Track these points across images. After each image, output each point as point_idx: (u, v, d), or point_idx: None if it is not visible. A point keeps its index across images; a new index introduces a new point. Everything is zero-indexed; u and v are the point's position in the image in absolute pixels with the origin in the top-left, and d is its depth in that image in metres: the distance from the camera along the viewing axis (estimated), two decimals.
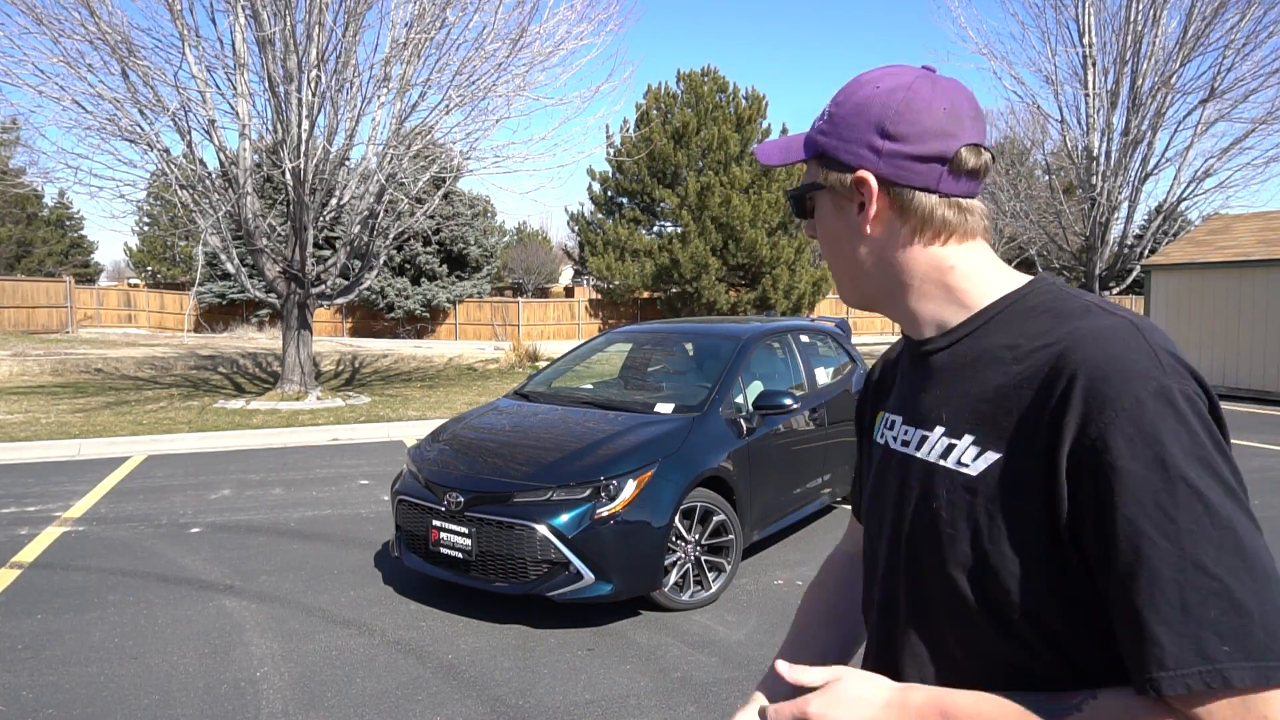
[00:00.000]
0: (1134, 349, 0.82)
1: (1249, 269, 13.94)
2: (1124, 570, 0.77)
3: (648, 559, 4.34)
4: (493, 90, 12.45)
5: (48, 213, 38.37)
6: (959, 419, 0.92)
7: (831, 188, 0.99)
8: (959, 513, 0.89)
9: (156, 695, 3.60)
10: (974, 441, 0.90)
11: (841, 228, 1.00)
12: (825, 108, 1.01)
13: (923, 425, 0.97)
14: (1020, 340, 0.90)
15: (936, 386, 0.97)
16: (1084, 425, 0.80)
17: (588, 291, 36.29)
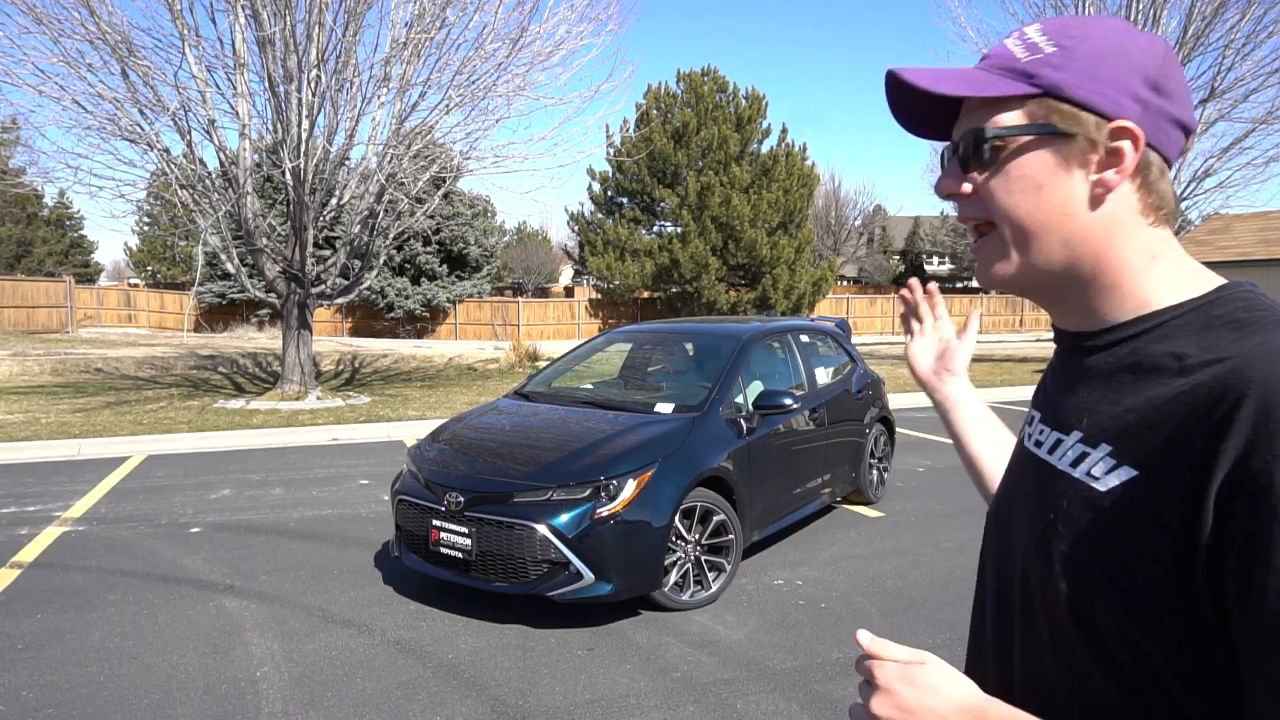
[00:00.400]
0: None
1: (1249, 269, 13.96)
2: (1267, 628, 0.66)
3: (648, 559, 4.34)
4: (493, 90, 12.46)
5: (48, 212, 38.39)
6: (1099, 427, 0.83)
7: (1066, 133, 0.82)
8: (1075, 528, 0.80)
9: (156, 695, 3.60)
10: (1110, 454, 0.80)
11: (1057, 186, 0.83)
12: (1031, 39, 0.85)
13: (1060, 428, 0.88)
14: (1192, 351, 0.78)
15: (1084, 389, 0.87)
16: (1247, 454, 0.68)
17: (588, 291, 36.30)
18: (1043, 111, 0.83)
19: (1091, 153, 0.82)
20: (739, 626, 4.35)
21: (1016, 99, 0.84)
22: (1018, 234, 0.85)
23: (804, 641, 4.16)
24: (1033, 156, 0.84)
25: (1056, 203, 0.83)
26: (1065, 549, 0.81)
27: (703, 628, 4.33)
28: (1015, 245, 0.86)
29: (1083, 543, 0.79)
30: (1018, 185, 0.84)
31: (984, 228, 0.89)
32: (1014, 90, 0.83)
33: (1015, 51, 0.85)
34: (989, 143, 0.85)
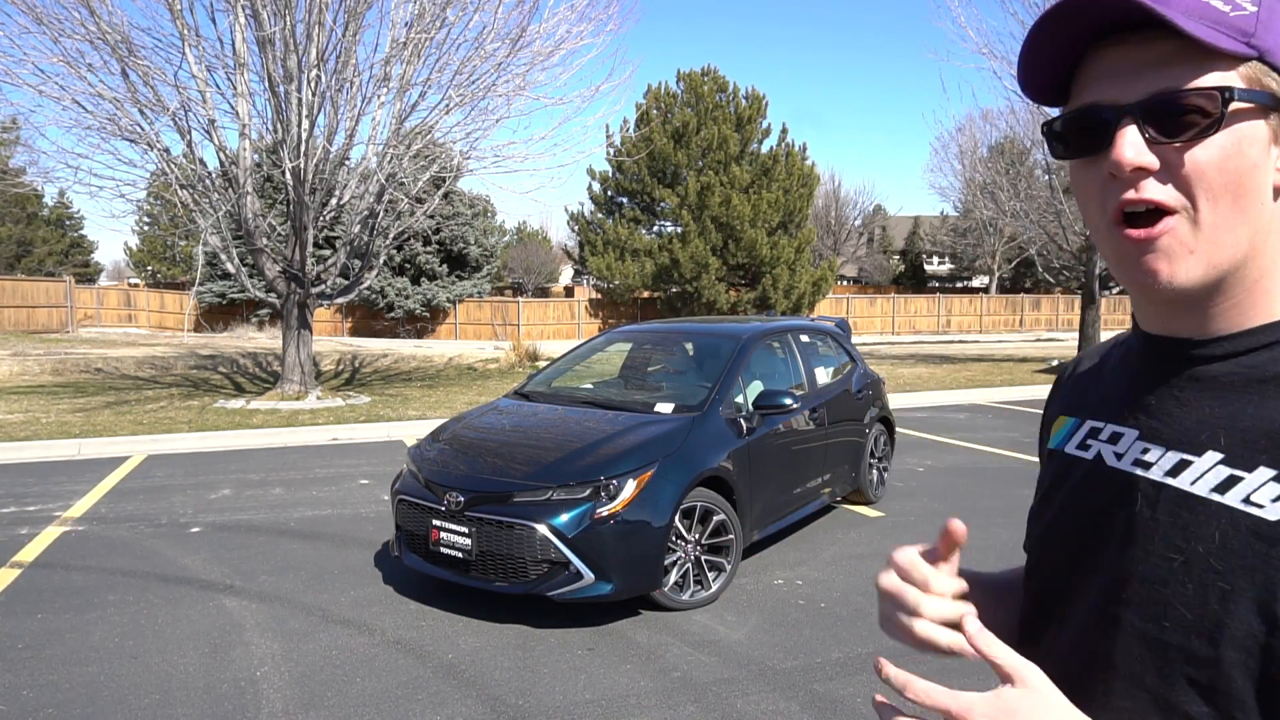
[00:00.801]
0: None
1: None
2: None
3: (648, 559, 4.34)
4: (493, 90, 12.46)
5: (48, 212, 38.40)
6: (1250, 446, 0.71)
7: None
8: (1240, 565, 0.69)
9: (156, 695, 3.60)
10: (1276, 477, 0.69)
11: (1265, 167, 0.71)
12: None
13: (1180, 447, 0.76)
14: None
15: (1207, 401, 0.76)
16: None
17: (588, 291, 36.31)
18: (1258, 77, 0.70)
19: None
20: (739, 626, 4.35)
21: (1229, 57, 0.70)
22: (1215, 223, 0.71)
23: (804, 641, 4.16)
24: (1253, 128, 0.70)
25: (1259, 190, 0.71)
26: (1226, 586, 0.69)
27: (703, 628, 4.33)
28: (1206, 237, 0.71)
29: (1253, 582, 0.68)
30: (1235, 161, 0.70)
31: (1152, 216, 0.72)
32: (1236, 49, 0.69)
33: (1216, 3, 0.70)
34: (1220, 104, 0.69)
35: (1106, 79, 0.73)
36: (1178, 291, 0.73)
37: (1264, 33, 0.70)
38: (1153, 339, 0.81)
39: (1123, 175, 0.71)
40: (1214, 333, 0.76)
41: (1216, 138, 0.69)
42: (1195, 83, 0.69)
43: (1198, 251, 0.71)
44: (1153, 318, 0.81)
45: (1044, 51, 0.76)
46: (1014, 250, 37.64)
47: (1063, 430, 0.91)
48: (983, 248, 43.81)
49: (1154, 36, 0.71)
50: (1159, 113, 0.70)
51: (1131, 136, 0.70)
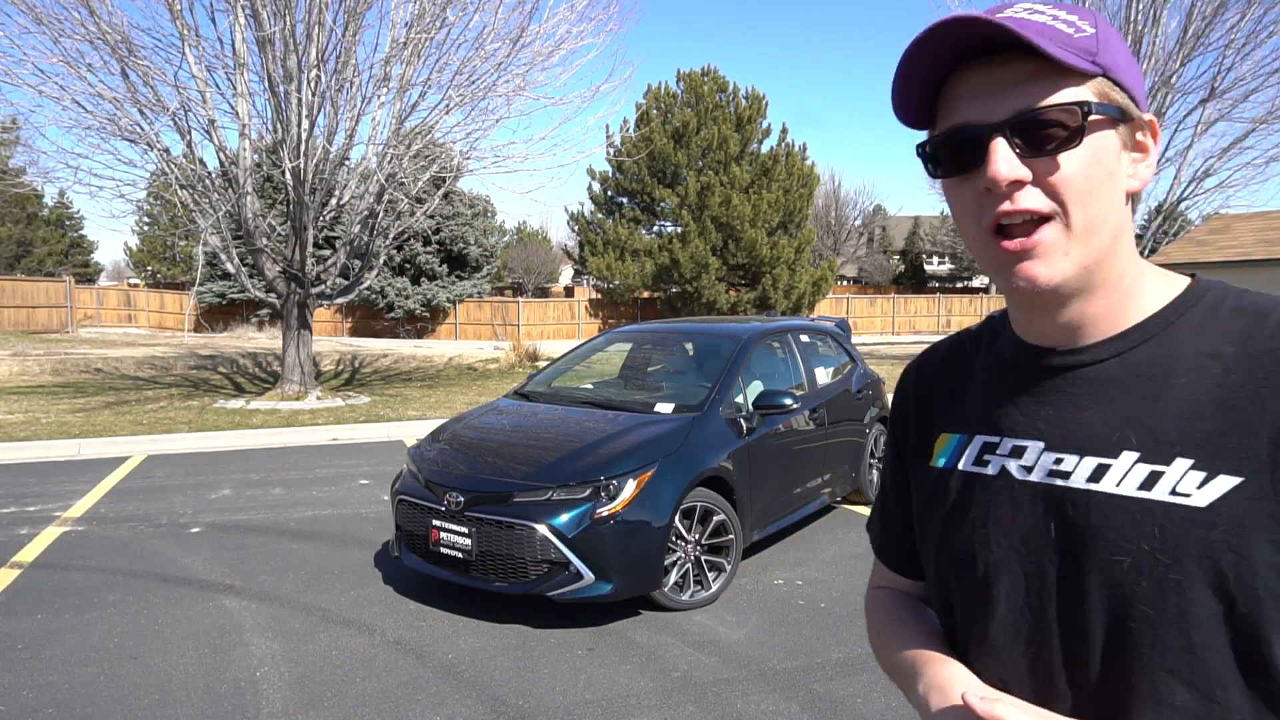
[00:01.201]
0: None
1: (1249, 268, 13.96)
2: None
3: (648, 559, 4.34)
4: (493, 90, 12.46)
5: (48, 212, 38.39)
6: (1161, 441, 0.76)
7: (1132, 121, 0.78)
8: (1186, 554, 0.73)
9: (156, 695, 3.60)
10: (1195, 466, 0.74)
11: (1118, 174, 0.79)
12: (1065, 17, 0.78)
13: (1094, 451, 0.79)
14: (1224, 348, 0.77)
15: (1106, 403, 0.80)
16: None
17: (588, 291, 36.31)
18: (1106, 92, 0.77)
19: (1130, 143, 0.80)
20: (739, 626, 4.35)
21: (1082, 75, 0.76)
22: (1085, 226, 0.76)
23: (804, 641, 4.16)
24: (1107, 138, 0.77)
25: (1117, 192, 0.78)
26: (1178, 576, 0.73)
27: (703, 628, 4.33)
28: (1078, 239, 0.77)
29: (1201, 567, 0.73)
30: (1095, 170, 0.76)
31: (1029, 223, 0.77)
32: (1086, 68, 0.75)
33: (1060, 28, 0.76)
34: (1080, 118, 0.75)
35: (972, 100, 0.78)
36: (1055, 291, 0.78)
37: (1104, 52, 0.76)
38: (1037, 350, 0.85)
39: (999, 189, 0.76)
40: (1095, 337, 0.82)
41: (1079, 149, 0.75)
42: (1056, 99, 0.75)
43: (1071, 253, 0.77)
44: (1033, 328, 0.85)
45: (914, 76, 0.80)
46: None
47: (949, 448, 0.92)
48: None
49: (1012, 58, 0.76)
50: (1026, 128, 0.75)
51: (1004, 152, 0.75)
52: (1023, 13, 0.77)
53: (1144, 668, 0.75)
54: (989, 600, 0.85)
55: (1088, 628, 0.78)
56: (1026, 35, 0.72)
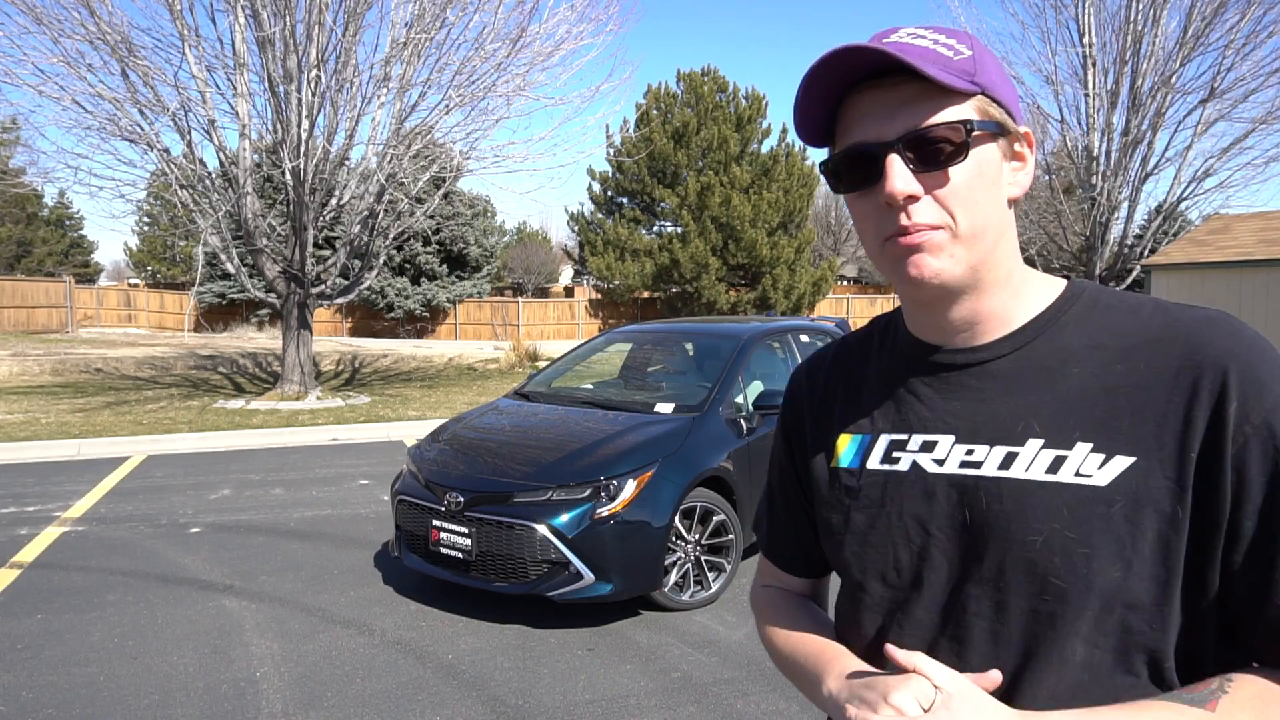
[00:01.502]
0: (1259, 336, 0.83)
1: (1249, 269, 13.95)
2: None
3: (648, 559, 4.34)
4: (493, 90, 12.46)
5: (48, 213, 38.38)
6: (1062, 427, 0.84)
7: (1010, 135, 0.86)
8: (1093, 529, 0.81)
9: (156, 695, 3.60)
10: (1094, 449, 0.82)
11: (999, 183, 0.86)
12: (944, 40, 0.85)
13: (1002, 440, 0.86)
14: (1105, 339, 0.86)
15: (1008, 395, 0.87)
16: (1244, 414, 0.79)
17: (588, 291, 36.30)
18: (986, 109, 0.84)
19: (1009, 154, 0.87)
20: (739, 626, 4.35)
21: (964, 94, 0.83)
22: (972, 230, 0.84)
23: None
24: (989, 151, 0.85)
25: (998, 200, 0.86)
26: (1087, 551, 0.81)
27: (703, 628, 4.33)
28: (964, 242, 0.84)
29: (1106, 540, 0.81)
30: (979, 180, 0.84)
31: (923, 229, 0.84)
32: (967, 88, 0.83)
33: (941, 51, 0.84)
34: (964, 135, 0.82)
35: (866, 120, 0.85)
36: (944, 286, 0.85)
37: (981, 72, 0.84)
38: (932, 349, 0.92)
39: (896, 203, 0.83)
40: (991, 334, 0.89)
41: (964, 162, 0.83)
42: (942, 117, 0.82)
43: (957, 255, 0.84)
44: (930, 327, 0.92)
45: (811, 101, 0.87)
46: None
47: (853, 448, 0.97)
48: None
49: (900, 81, 0.83)
50: (916, 145, 0.82)
51: (899, 168, 0.82)
52: (907, 38, 0.85)
53: (1055, 634, 0.83)
54: (914, 589, 0.91)
55: (1007, 603, 0.85)
56: (909, 60, 0.80)
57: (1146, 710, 0.80)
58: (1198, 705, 0.78)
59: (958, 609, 0.88)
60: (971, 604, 0.87)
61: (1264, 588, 0.79)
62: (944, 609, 0.89)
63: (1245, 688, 0.79)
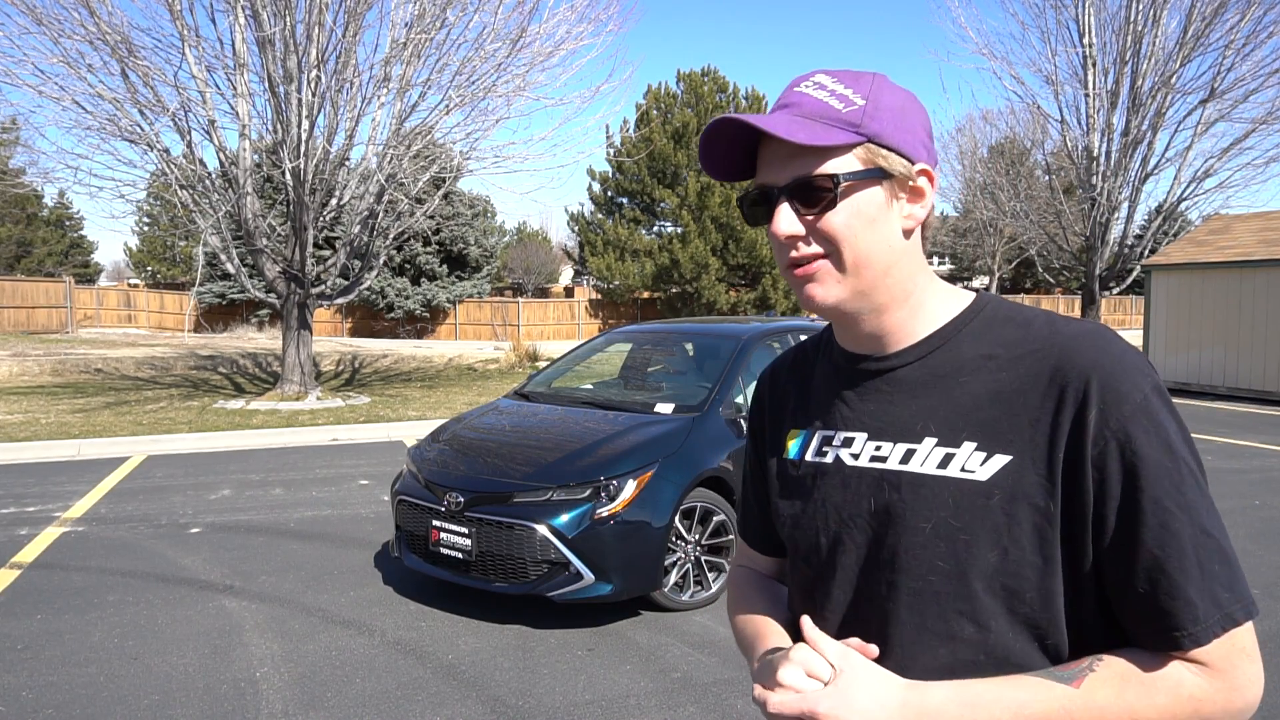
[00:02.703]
0: (1128, 350, 0.92)
1: (1249, 269, 13.94)
2: (1155, 544, 0.86)
3: (648, 559, 4.34)
4: (493, 90, 12.46)
5: (48, 213, 38.37)
6: (953, 428, 0.95)
7: (890, 174, 0.96)
8: (973, 518, 0.91)
9: (156, 695, 3.60)
10: (978, 448, 0.92)
11: (883, 220, 0.96)
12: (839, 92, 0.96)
13: (904, 439, 0.98)
14: (997, 350, 0.96)
15: (911, 399, 0.98)
16: (1104, 420, 0.88)
17: (588, 291, 36.30)
18: (870, 156, 0.95)
19: (902, 191, 0.97)
20: None
21: (847, 146, 0.94)
22: (854, 262, 0.95)
23: None
24: (868, 194, 0.95)
25: (883, 234, 0.96)
26: (967, 538, 0.92)
27: (703, 628, 4.33)
28: (849, 272, 0.96)
29: (984, 528, 0.91)
30: (857, 220, 0.95)
31: (811, 260, 0.96)
32: (848, 139, 0.93)
33: (832, 104, 0.95)
34: (833, 186, 0.93)
35: (766, 166, 0.98)
36: (835, 309, 0.98)
37: (870, 121, 0.94)
38: (857, 357, 1.04)
39: (781, 241, 0.96)
40: (898, 345, 1.01)
41: (849, 204, 0.94)
42: (818, 171, 0.94)
43: (843, 281, 0.96)
44: (849, 339, 1.04)
45: (715, 153, 1.01)
46: (1014, 250, 37.66)
47: (797, 442, 1.10)
48: (983, 248, 43.78)
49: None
50: (799, 192, 0.95)
51: (785, 213, 0.95)
52: (810, 88, 0.97)
53: (940, 611, 0.94)
54: (831, 569, 1.03)
55: (898, 582, 0.96)
56: (778, 133, 0.91)
57: (1018, 683, 0.88)
58: (1065, 682, 0.87)
59: (864, 590, 0.99)
60: (873, 585, 0.98)
61: (1127, 577, 0.88)
62: (854, 590, 1.00)
63: (1110, 667, 0.88)
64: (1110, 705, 0.86)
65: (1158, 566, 0.86)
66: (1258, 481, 7.71)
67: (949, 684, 0.90)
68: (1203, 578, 0.85)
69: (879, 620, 0.98)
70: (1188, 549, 0.85)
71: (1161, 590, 0.86)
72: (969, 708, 0.87)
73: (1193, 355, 14.81)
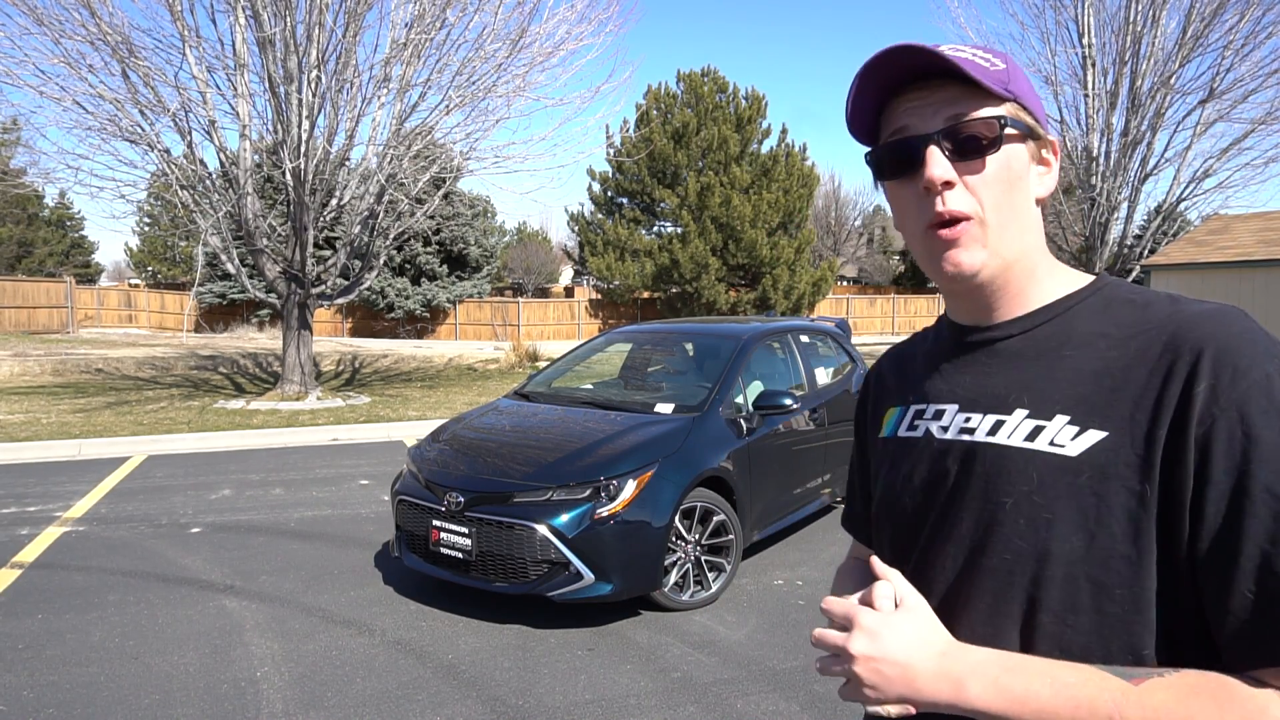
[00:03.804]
0: (1255, 328, 0.84)
1: (1249, 269, 13.95)
2: (1265, 538, 0.76)
3: (648, 559, 4.34)
4: (493, 91, 12.46)
5: (48, 213, 38.38)
6: (1047, 401, 0.90)
7: (1038, 139, 0.94)
8: (1058, 496, 0.86)
9: (156, 695, 3.60)
10: (1070, 421, 0.87)
11: (1027, 182, 0.94)
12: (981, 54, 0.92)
13: (995, 410, 0.93)
14: (1111, 329, 0.91)
15: (1009, 371, 0.94)
16: (1214, 395, 0.80)
17: (588, 291, 36.30)
18: (1019, 114, 0.92)
19: (1037, 158, 0.96)
20: (739, 626, 4.35)
21: (999, 98, 0.91)
22: (1000, 223, 0.91)
23: (804, 641, 4.16)
24: (1019, 151, 0.93)
25: (1027, 198, 0.94)
26: (1049, 515, 0.86)
27: (703, 628, 4.33)
28: (995, 236, 0.91)
29: (1069, 508, 0.85)
30: (1008, 175, 0.91)
31: (952, 220, 0.91)
32: (1003, 93, 0.91)
33: (979, 61, 0.91)
34: (999, 128, 0.90)
35: (910, 115, 0.93)
36: (976, 276, 0.93)
37: (1014, 82, 0.92)
38: (961, 328, 1.01)
39: (935, 189, 0.90)
40: (1007, 316, 0.96)
41: (996, 155, 0.90)
42: (980, 113, 0.90)
43: (989, 246, 0.91)
44: (961, 311, 1.00)
45: (865, 97, 0.95)
46: None
47: (891, 420, 1.08)
48: None
49: (943, 84, 0.91)
50: (954, 136, 0.90)
51: (937, 157, 0.90)
52: (948, 50, 0.91)
53: (1016, 594, 0.88)
54: (911, 544, 0.99)
55: (977, 562, 0.91)
56: (957, 62, 0.87)
57: (1070, 666, 0.82)
58: (1125, 678, 0.79)
59: (940, 566, 0.95)
60: (950, 561, 0.94)
61: (1228, 577, 0.78)
62: (930, 566, 0.96)
63: (1185, 677, 0.78)
64: (1165, 710, 0.76)
65: (1267, 567, 0.76)
66: None
67: (995, 652, 0.86)
68: None
69: (953, 598, 0.93)
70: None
71: (1267, 593, 0.76)
72: (1009, 672, 0.83)
73: None
